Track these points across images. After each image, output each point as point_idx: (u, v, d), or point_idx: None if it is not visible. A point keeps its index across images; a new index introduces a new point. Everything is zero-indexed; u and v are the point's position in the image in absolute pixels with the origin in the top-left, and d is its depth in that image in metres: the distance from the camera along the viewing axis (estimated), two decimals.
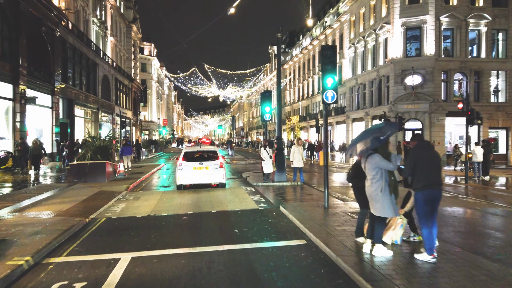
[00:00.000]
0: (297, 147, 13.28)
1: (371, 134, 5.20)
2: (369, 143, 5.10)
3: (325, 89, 8.06)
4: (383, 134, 5.07)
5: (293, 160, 13.26)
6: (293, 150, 13.24)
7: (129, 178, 15.66)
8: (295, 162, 13.20)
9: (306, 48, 57.04)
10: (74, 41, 28.24)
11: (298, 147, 13.32)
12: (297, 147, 13.31)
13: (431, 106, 28.86)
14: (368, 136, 5.21)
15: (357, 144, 5.34)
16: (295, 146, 13.37)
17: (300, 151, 13.16)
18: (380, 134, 5.08)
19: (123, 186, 13.17)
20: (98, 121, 34.70)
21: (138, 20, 55.91)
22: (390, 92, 30.58)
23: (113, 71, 40.28)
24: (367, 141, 5.15)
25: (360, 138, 5.37)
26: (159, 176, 17.95)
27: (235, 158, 30.28)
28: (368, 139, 5.13)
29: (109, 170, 15.12)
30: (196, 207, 9.60)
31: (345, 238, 6.06)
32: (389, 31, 30.52)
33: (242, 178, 16.21)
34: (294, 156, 13.15)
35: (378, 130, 5.22)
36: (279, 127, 14.19)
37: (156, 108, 71.28)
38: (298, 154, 13.10)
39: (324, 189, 8.43)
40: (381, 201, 5.03)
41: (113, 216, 8.63)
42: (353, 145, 5.42)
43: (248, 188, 12.95)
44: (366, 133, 5.46)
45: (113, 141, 21.19)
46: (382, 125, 5.39)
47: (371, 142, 5.07)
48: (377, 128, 5.38)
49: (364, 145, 5.18)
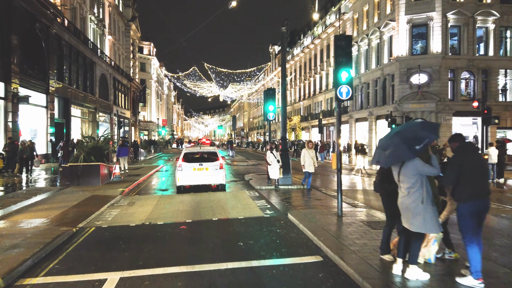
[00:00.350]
0: (308, 151, 12.17)
1: (404, 141, 4.24)
2: (401, 153, 4.18)
3: (339, 84, 7.24)
4: (419, 142, 4.13)
5: (304, 164, 12.13)
6: (303, 154, 12.16)
7: (125, 181, 14.84)
8: (307, 166, 12.08)
9: (307, 47, 56.23)
10: (70, 38, 27.42)
11: (309, 151, 12.19)
12: (308, 150, 12.20)
13: (437, 105, 28.04)
14: (400, 143, 4.27)
15: (386, 151, 4.40)
16: (306, 150, 12.26)
17: (311, 155, 12.04)
18: (416, 142, 4.14)
19: (118, 190, 12.35)
20: (95, 121, 33.86)
21: (137, 19, 55.12)
22: (395, 91, 29.76)
23: (111, 70, 39.47)
24: (398, 150, 4.24)
25: (390, 144, 4.42)
26: (157, 178, 17.13)
27: (236, 159, 29.45)
28: (401, 148, 4.22)
29: (104, 172, 14.30)
30: (195, 214, 8.78)
31: (368, 254, 5.23)
32: (394, 29, 29.70)
33: (244, 180, 15.39)
34: (305, 160, 12.04)
35: (413, 137, 4.24)
36: (284, 127, 13.37)
37: (155, 108, 70.46)
38: (309, 158, 11.98)
39: (338, 194, 7.60)
40: (423, 214, 4.17)
41: (103, 225, 7.80)
42: (382, 151, 4.49)
43: (251, 192, 12.12)
44: (398, 137, 4.42)
45: (110, 142, 20.41)
46: (418, 127, 4.45)
47: (404, 152, 4.16)
48: (412, 131, 4.39)
49: (395, 155, 4.28)
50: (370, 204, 9.81)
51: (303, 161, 12.08)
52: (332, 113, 45.81)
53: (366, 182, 15.77)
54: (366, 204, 9.87)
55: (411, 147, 4.10)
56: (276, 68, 74.61)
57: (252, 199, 10.73)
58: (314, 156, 12.24)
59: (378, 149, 4.55)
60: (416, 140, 4.12)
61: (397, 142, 4.26)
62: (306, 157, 12.02)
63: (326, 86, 48.85)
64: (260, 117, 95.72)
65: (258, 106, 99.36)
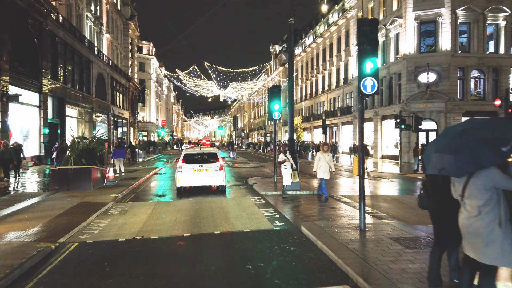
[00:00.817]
0: (324, 154, 10.81)
1: (484, 142, 3.15)
2: (483, 157, 3.10)
3: (364, 76, 6.19)
4: (505, 143, 3.04)
5: (316, 170, 10.76)
6: (318, 158, 10.81)
7: (119, 185, 13.77)
8: (320, 172, 10.69)
9: (309, 46, 55.21)
10: (66, 35, 26.39)
11: (325, 154, 10.81)
12: (322, 154, 10.83)
13: (446, 105, 27.00)
14: (479, 144, 3.17)
15: (453, 155, 3.26)
16: (321, 153, 10.88)
17: (327, 159, 10.70)
18: (501, 142, 3.05)
19: (110, 196, 11.29)
20: (92, 121, 32.82)
21: (136, 18, 54.10)
22: (402, 90, 28.72)
23: (109, 69, 38.44)
24: (477, 154, 3.13)
25: (460, 145, 3.30)
26: (155, 182, 16.06)
27: (237, 161, 28.38)
28: (481, 151, 3.12)
29: (96, 176, 13.24)
30: (195, 225, 7.72)
31: (411, 286, 4.17)
32: (401, 26, 28.68)
33: (247, 185, 14.32)
34: (320, 164, 10.66)
35: (496, 136, 3.15)
36: (291, 127, 12.32)
37: (154, 108, 69.41)
38: (325, 163, 10.63)
39: (360, 205, 6.53)
40: (500, 241, 3.11)
41: (88, 240, 6.74)
42: (445, 155, 3.34)
43: (256, 198, 11.06)
44: (470, 136, 3.31)
45: (105, 143, 19.37)
46: (495, 123, 3.40)
47: (486, 156, 3.08)
48: (489, 128, 3.30)
49: (474, 161, 3.13)
50: (391, 214, 8.74)
51: (317, 166, 10.74)
52: (335, 113, 44.76)
53: (375, 186, 14.72)
54: (387, 213, 8.80)
55: (495, 149, 3.01)
56: (277, 68, 73.62)
57: (258, 207, 9.67)
58: (330, 160, 10.88)
59: (439, 153, 3.39)
60: (501, 141, 3.02)
61: (473, 143, 3.14)
62: (321, 161, 10.68)
63: (329, 86, 47.81)
64: (261, 117, 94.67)
65: (259, 106, 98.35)
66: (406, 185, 15.11)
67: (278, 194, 11.50)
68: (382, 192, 13.12)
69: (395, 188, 14.22)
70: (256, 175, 18.12)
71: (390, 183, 15.69)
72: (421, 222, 7.28)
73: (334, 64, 45.71)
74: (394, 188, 14.19)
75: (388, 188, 14.03)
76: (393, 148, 31.55)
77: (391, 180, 16.56)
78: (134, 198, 11.68)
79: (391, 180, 16.54)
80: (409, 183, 15.59)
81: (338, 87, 44.52)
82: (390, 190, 13.55)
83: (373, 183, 15.47)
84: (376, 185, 14.91)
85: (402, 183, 15.58)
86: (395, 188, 14.22)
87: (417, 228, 6.78)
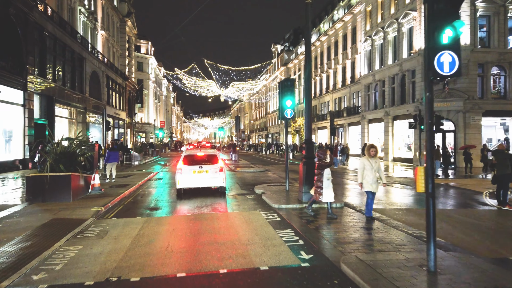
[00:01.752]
0: (369, 160, 8.06)
1: None
2: None
3: (438, 48, 4.25)
4: None
5: (362, 181, 8.15)
6: (362, 165, 8.12)
7: (106, 195, 11.81)
8: (367, 184, 8.05)
9: (313, 44, 53.24)
10: (55, 29, 24.44)
11: (370, 160, 8.05)
12: (368, 159, 8.07)
13: (465, 104, 25.06)
14: None
15: None
16: (366, 159, 8.14)
17: (373, 166, 7.97)
18: None
19: (91, 210, 9.33)
20: (85, 122, 30.86)
21: (133, 15, 52.20)
22: (417, 88, 26.78)
23: (104, 67, 36.49)
24: None
25: None
26: (148, 189, 14.09)
27: (240, 164, 26.40)
28: None
29: (78, 184, 11.28)
30: (193, 258, 5.76)
31: None
32: (415, 19, 26.76)
33: (255, 194, 12.34)
34: (365, 173, 8.05)
35: None
36: (308, 125, 10.34)
37: (153, 109, 67.49)
38: (371, 172, 7.94)
39: (429, 237, 4.54)
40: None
41: (42, 285, 4.78)
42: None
43: (268, 213, 9.09)
44: None
45: (96, 144, 17.43)
46: None
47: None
48: None
49: None
50: (452, 240, 6.76)
51: (361, 175, 8.10)
52: (341, 113, 42.83)
53: (403, 194, 12.75)
54: (444, 238, 6.80)
55: None
56: (279, 68, 71.75)
57: (273, 226, 7.70)
58: (379, 168, 8.10)
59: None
60: None
61: None
62: (366, 169, 8.04)
63: (334, 86, 45.89)
64: (262, 118, 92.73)
65: (260, 107, 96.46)
66: (437, 193, 13.13)
67: (294, 208, 9.53)
68: (415, 203, 11.15)
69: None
70: (262, 181, 16.16)
71: (406, 190, 13.73)
72: (497, 252, 5.33)
73: (340, 62, 43.80)
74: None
75: (420, 198, 12.06)
76: (406, 150, 29.62)
77: (406, 186, 14.58)
78: (121, 212, 9.70)
79: (407, 186, 14.56)
80: (440, 191, 13.61)
81: (344, 86, 42.60)
82: (423, 201, 11.58)
83: (398, 191, 13.50)
84: (403, 194, 12.94)
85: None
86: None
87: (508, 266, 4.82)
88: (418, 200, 11.71)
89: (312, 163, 9.79)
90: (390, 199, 11.78)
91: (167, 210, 9.78)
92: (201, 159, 12.32)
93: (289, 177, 12.58)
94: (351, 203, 10.54)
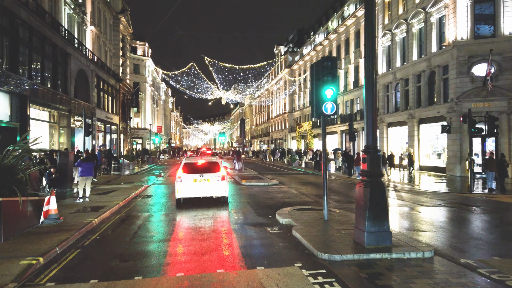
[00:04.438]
0: None
1: None
2: None
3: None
4: None
5: None
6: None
7: (63, 227, 8.11)
8: None
9: (320, 44, 49.89)
10: (31, 18, 20.85)
11: None
12: None
13: (510, 103, 21.47)
14: None
15: None
16: None
17: None
18: None
19: (19, 264, 5.63)
20: (70, 126, 27.17)
21: (129, 13, 48.79)
22: (451, 86, 23.18)
23: (94, 66, 32.90)
24: None
25: None
26: (131, 215, 10.37)
27: (245, 175, 22.67)
28: None
29: (18, 212, 7.60)
30: None
31: None
32: (447, 7, 23.23)
33: (279, 225, 8.60)
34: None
35: None
36: (372, 122, 6.62)
37: (150, 114, 63.87)
38: None
39: None
40: None
41: None
42: None
43: (318, 272, 5.37)
44: None
45: (70, 153, 13.81)
46: None
47: None
48: None
49: None
50: None
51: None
52: (353, 117, 39.19)
53: (471, 219, 9.08)
54: None
55: None
56: (283, 70, 68.27)
57: None
58: None
59: None
60: None
61: None
62: None
63: (345, 87, 42.36)
64: (264, 124, 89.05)
65: (262, 112, 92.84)
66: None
67: (357, 261, 5.81)
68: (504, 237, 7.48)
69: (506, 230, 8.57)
70: (281, 200, 12.46)
71: (483, 215, 10.03)
72: None
73: (352, 61, 40.31)
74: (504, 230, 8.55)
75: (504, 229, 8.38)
76: (435, 157, 25.93)
77: (474, 208, 10.88)
78: (72, 265, 5.96)
79: (476, 209, 10.87)
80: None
81: (356, 87, 39.07)
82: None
83: (457, 214, 9.80)
84: (469, 218, 9.25)
85: (501, 216, 9.96)
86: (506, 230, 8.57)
87: None
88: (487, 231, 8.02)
89: (381, 185, 6.11)
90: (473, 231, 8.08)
91: (151, 263, 6.04)
92: (202, 167, 11.65)
93: (312, 194, 8.87)
94: (437, 246, 6.85)
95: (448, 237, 7.60)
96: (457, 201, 12.80)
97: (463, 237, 7.66)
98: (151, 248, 6.86)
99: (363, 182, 6.30)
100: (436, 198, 13.43)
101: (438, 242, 7.17)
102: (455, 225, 8.93)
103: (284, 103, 69.93)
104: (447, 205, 11.92)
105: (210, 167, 11.68)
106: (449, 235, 7.74)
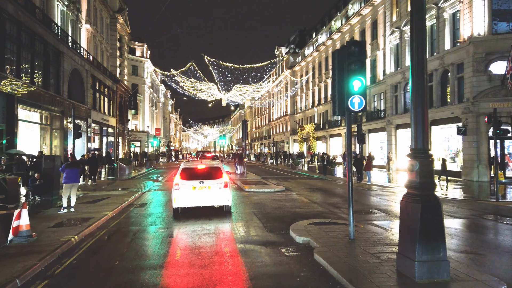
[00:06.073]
0: None
1: None
2: None
3: None
4: None
5: None
6: None
7: (34, 247, 6.69)
8: None
9: (323, 44, 48.58)
10: (19, 13, 19.49)
11: None
12: None
13: None
14: None
15: None
16: None
17: None
18: None
19: None
20: (63, 128, 25.75)
21: (126, 12, 47.48)
22: (466, 85, 21.81)
23: (89, 66, 31.54)
24: None
25: None
26: (120, 230, 8.94)
27: (249, 180, 21.23)
28: None
29: None
30: None
31: None
32: (461, 2, 21.92)
33: (295, 245, 7.18)
34: None
35: None
36: (422, 121, 5.24)
37: (149, 116, 62.48)
38: None
39: None
40: None
41: None
42: None
43: None
44: None
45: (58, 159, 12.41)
46: None
47: None
48: None
49: None
50: None
51: None
52: (357, 119, 37.78)
53: None
54: None
55: None
56: (284, 71, 66.97)
57: None
58: None
59: None
60: None
61: None
62: None
63: None
64: (265, 126, 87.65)
65: (262, 114, 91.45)
66: None
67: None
68: None
69: None
70: (291, 210, 11.05)
71: None
72: None
73: None
74: None
75: None
76: (449, 161, 24.52)
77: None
78: None
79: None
80: None
81: None
82: None
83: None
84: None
85: None
86: None
87: None
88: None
89: (435, 200, 4.70)
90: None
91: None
92: (202, 173, 10.57)
93: (325, 202, 7.45)
94: (503, 277, 5.42)
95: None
96: (489, 210, 11.40)
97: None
98: (138, 278, 5.43)
99: (411, 196, 4.89)
100: (463, 207, 12.01)
101: (503, 271, 5.74)
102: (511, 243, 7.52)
103: (286, 105, 68.57)
104: (482, 216, 10.50)
105: (211, 172, 10.59)
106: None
